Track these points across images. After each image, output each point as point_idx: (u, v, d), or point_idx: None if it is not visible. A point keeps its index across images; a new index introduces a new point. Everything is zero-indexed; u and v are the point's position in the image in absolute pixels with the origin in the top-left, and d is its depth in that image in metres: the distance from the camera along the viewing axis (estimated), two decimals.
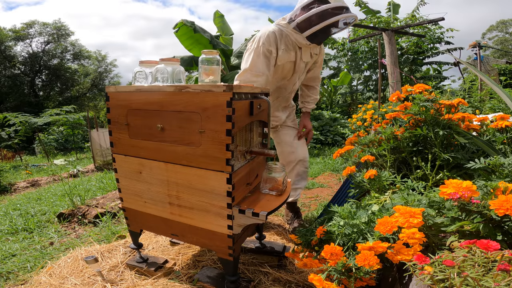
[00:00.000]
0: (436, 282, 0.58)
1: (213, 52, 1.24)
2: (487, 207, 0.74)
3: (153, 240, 1.78)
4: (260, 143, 1.45)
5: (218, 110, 1.06)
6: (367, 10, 8.77)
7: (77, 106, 15.95)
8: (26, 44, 20.44)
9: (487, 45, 9.40)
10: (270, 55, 1.65)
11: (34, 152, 11.50)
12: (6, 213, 2.78)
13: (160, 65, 1.25)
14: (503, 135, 1.21)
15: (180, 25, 5.82)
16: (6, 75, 18.96)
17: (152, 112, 1.20)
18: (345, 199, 1.76)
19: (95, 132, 6.30)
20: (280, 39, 1.64)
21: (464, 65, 8.35)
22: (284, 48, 1.66)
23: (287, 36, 1.66)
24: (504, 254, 0.58)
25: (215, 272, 1.37)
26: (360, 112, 5.39)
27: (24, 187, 4.77)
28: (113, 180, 3.74)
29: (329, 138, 6.44)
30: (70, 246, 1.85)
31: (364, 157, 1.30)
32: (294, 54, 1.70)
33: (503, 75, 8.64)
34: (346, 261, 0.85)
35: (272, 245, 1.59)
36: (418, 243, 0.77)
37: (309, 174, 3.66)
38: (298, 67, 1.77)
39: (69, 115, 9.62)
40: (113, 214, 2.37)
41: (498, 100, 3.77)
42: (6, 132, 9.14)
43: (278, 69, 1.74)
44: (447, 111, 1.23)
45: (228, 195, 1.11)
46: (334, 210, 1.09)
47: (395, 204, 0.93)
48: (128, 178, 1.33)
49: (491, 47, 15.25)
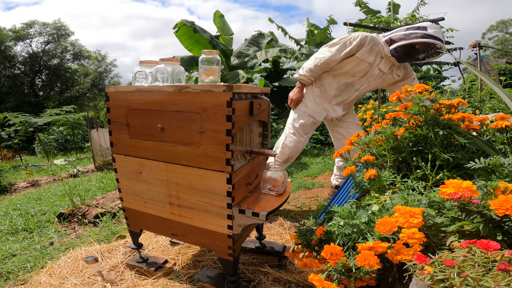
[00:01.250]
0: (436, 282, 0.58)
1: (213, 52, 1.24)
2: (487, 207, 0.74)
3: (153, 240, 1.78)
4: (260, 143, 1.45)
5: (218, 110, 1.06)
6: (367, 10, 8.77)
7: (77, 106, 15.94)
8: (26, 44, 20.45)
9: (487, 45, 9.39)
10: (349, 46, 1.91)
11: (34, 152, 11.49)
12: (6, 213, 2.78)
13: (160, 65, 1.25)
14: (503, 135, 1.20)
15: (180, 25, 5.81)
16: (6, 75, 18.95)
17: (152, 112, 1.20)
18: (345, 199, 1.76)
19: (95, 132, 6.30)
20: (368, 42, 1.92)
21: (464, 65, 8.35)
22: (369, 49, 1.92)
23: (376, 44, 1.93)
24: (504, 254, 0.58)
25: (215, 272, 1.37)
26: (360, 112, 5.39)
27: (24, 187, 4.77)
28: (113, 180, 3.74)
29: (329, 138, 6.44)
30: (70, 246, 1.85)
31: (364, 157, 1.29)
32: (373, 58, 1.95)
33: (503, 75, 8.64)
34: (346, 261, 0.85)
35: (272, 245, 1.59)
36: (418, 243, 0.76)
37: (309, 174, 3.66)
38: (371, 70, 1.99)
39: (69, 115, 9.62)
40: (113, 214, 2.36)
41: (498, 100, 3.77)
42: (6, 132, 9.13)
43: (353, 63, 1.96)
44: (447, 111, 1.23)
45: (228, 195, 1.11)
46: (334, 210, 1.09)
47: (395, 204, 0.93)
48: (128, 178, 1.33)
49: (491, 47, 15.25)
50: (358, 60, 1.96)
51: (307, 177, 3.53)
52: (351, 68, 1.99)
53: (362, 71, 2.00)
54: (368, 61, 1.95)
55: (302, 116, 2.08)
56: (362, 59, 1.95)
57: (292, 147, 2.08)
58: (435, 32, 1.78)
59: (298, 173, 3.81)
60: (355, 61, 1.96)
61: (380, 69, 2.01)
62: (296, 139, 2.07)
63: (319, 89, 2.09)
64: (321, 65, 1.99)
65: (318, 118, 2.11)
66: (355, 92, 2.10)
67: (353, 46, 1.91)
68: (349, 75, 2.03)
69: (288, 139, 2.09)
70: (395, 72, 2.05)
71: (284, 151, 2.10)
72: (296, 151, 2.11)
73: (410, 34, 1.81)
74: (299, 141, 2.08)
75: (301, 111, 2.09)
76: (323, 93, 2.08)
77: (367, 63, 1.96)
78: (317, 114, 2.09)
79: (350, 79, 2.04)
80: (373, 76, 2.03)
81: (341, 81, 2.05)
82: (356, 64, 1.97)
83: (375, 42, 1.93)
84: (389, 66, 2.01)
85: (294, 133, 2.08)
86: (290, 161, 2.16)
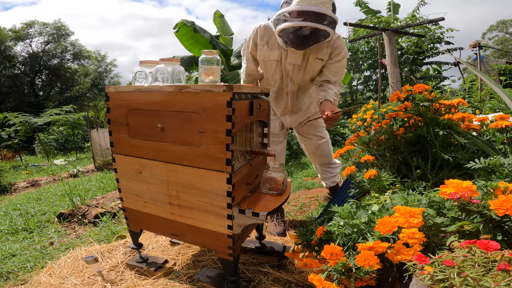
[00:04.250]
0: (436, 282, 0.58)
1: (213, 52, 1.24)
2: (487, 207, 0.74)
3: (153, 240, 1.78)
4: (260, 143, 1.45)
5: (218, 110, 1.06)
6: (367, 10, 8.77)
7: (77, 106, 15.95)
8: (26, 44, 20.47)
9: (487, 45, 9.40)
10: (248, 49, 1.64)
11: (34, 152, 11.50)
12: (6, 213, 2.78)
13: (160, 65, 1.25)
14: (503, 135, 1.20)
15: (180, 25, 5.82)
16: (6, 75, 18.96)
17: (152, 112, 1.20)
18: (345, 199, 1.76)
19: (95, 132, 6.30)
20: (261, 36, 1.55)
21: (464, 65, 8.35)
22: (264, 45, 1.56)
23: (271, 34, 1.54)
24: (504, 254, 0.58)
25: (215, 272, 1.37)
26: (360, 112, 5.39)
27: (24, 187, 4.77)
28: (113, 180, 3.74)
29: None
30: (70, 246, 1.85)
31: (364, 157, 1.30)
32: (278, 53, 1.59)
33: (503, 75, 8.63)
34: (346, 261, 0.85)
35: (272, 245, 1.59)
36: (418, 243, 0.77)
37: (309, 174, 3.67)
38: (283, 67, 1.65)
39: (69, 115, 9.62)
40: (113, 214, 2.36)
41: (498, 100, 3.77)
42: (6, 132, 9.13)
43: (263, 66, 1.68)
44: (447, 111, 1.23)
45: (228, 195, 1.11)
46: (334, 210, 1.09)
47: (395, 204, 0.93)
48: (128, 178, 1.33)
49: (491, 47, 15.25)
50: (263, 62, 1.62)
51: (307, 177, 3.53)
52: (266, 73, 1.68)
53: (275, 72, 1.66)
54: (273, 58, 1.59)
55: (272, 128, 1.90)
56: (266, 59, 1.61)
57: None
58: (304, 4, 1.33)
59: (298, 173, 3.81)
60: (262, 64, 1.63)
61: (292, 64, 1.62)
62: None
63: None
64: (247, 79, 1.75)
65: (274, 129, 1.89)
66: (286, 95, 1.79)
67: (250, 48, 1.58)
68: (270, 81, 1.74)
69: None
70: (314, 57, 1.62)
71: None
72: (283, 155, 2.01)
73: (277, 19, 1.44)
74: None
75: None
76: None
77: (274, 61, 1.61)
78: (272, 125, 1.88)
79: (273, 85, 1.75)
80: (290, 73, 1.67)
81: (272, 89, 1.77)
82: (265, 67, 1.64)
83: (270, 33, 1.54)
84: (301, 56, 1.59)
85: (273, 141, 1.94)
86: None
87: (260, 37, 1.58)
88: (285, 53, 1.60)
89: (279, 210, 2.02)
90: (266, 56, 1.60)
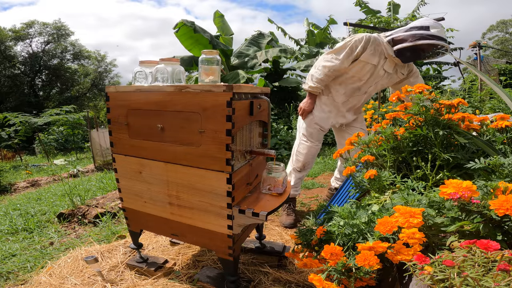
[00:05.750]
0: (436, 282, 0.58)
1: (213, 52, 1.24)
2: (487, 207, 0.74)
3: (153, 240, 1.78)
4: (260, 143, 1.45)
5: (218, 110, 1.06)
6: (367, 10, 8.77)
7: (77, 106, 15.93)
8: (26, 44, 20.47)
9: (487, 45, 9.41)
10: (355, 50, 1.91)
11: (34, 152, 11.50)
12: (6, 213, 2.78)
13: (160, 65, 1.25)
14: (503, 135, 1.20)
15: (180, 25, 5.82)
16: (6, 75, 18.97)
17: (152, 112, 1.20)
18: (345, 199, 1.76)
19: (95, 132, 6.30)
20: (371, 43, 1.91)
21: (464, 65, 8.35)
22: (372, 51, 1.91)
23: (379, 44, 1.92)
24: (504, 254, 0.58)
25: (215, 272, 1.37)
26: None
27: (24, 187, 4.77)
28: (113, 180, 3.74)
29: (329, 138, 6.44)
30: (70, 246, 1.85)
31: (364, 157, 1.29)
32: (377, 60, 1.95)
33: (503, 75, 8.63)
34: (346, 261, 0.85)
35: (272, 245, 1.59)
36: (418, 243, 0.76)
37: (309, 174, 3.66)
38: (376, 72, 1.99)
39: (69, 115, 9.62)
40: (113, 214, 2.36)
41: (498, 100, 3.77)
42: (6, 132, 9.13)
43: (358, 66, 1.95)
44: (447, 111, 1.23)
45: (228, 195, 1.11)
46: (334, 210, 1.09)
47: (395, 204, 0.93)
48: (128, 178, 1.33)
49: (491, 47, 15.25)
50: (362, 63, 1.94)
51: (307, 177, 3.53)
52: (356, 72, 1.97)
53: (367, 73, 1.98)
54: (373, 63, 1.94)
55: (310, 125, 2.07)
56: (367, 62, 1.93)
57: (306, 154, 2.08)
58: (438, 32, 1.76)
59: None
60: (360, 64, 1.94)
61: (385, 70, 1.99)
62: (308, 145, 2.08)
63: (327, 97, 2.06)
64: (331, 74, 1.97)
65: (325, 126, 2.09)
66: (363, 95, 2.08)
67: (359, 50, 1.89)
68: (356, 79, 2.00)
69: (300, 146, 2.11)
70: (399, 71, 2.04)
71: (299, 158, 2.11)
72: (311, 157, 2.11)
73: (414, 35, 1.79)
74: (311, 147, 2.08)
75: (308, 119, 2.08)
76: (331, 100, 2.06)
77: (371, 65, 1.95)
78: (323, 122, 2.07)
79: (356, 83, 2.02)
80: (378, 77, 2.01)
81: (348, 87, 2.03)
82: (361, 67, 1.95)
83: (377, 42, 1.91)
84: (393, 66, 2.00)
85: (305, 140, 2.09)
86: (307, 167, 2.15)
87: (370, 43, 1.92)
88: (383, 61, 1.97)
89: (291, 200, 2.18)
90: (368, 59, 1.94)
